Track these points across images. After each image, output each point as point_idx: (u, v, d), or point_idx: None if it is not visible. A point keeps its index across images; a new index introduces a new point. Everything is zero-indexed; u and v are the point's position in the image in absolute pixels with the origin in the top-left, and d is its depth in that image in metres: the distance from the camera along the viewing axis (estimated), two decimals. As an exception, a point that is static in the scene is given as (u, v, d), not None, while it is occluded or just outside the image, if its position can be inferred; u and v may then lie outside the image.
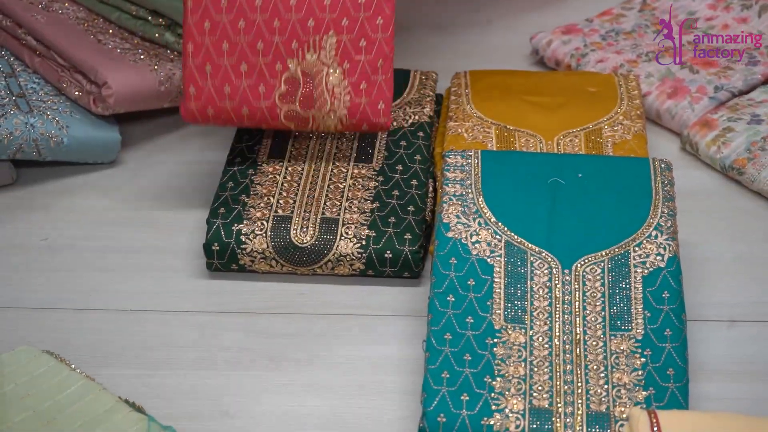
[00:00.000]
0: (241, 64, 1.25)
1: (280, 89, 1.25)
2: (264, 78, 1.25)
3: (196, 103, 1.25)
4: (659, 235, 1.16)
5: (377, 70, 1.26)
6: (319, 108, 1.26)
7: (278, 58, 1.25)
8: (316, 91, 1.25)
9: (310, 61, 1.25)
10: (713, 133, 1.41)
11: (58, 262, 1.29)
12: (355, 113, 1.26)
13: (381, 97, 1.27)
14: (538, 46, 1.62)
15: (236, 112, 1.26)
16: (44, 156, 1.38)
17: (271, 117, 1.26)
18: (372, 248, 1.23)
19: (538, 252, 1.15)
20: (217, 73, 1.25)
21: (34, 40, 1.47)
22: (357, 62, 1.26)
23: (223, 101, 1.25)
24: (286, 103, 1.25)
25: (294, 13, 1.24)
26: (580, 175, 1.21)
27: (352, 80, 1.26)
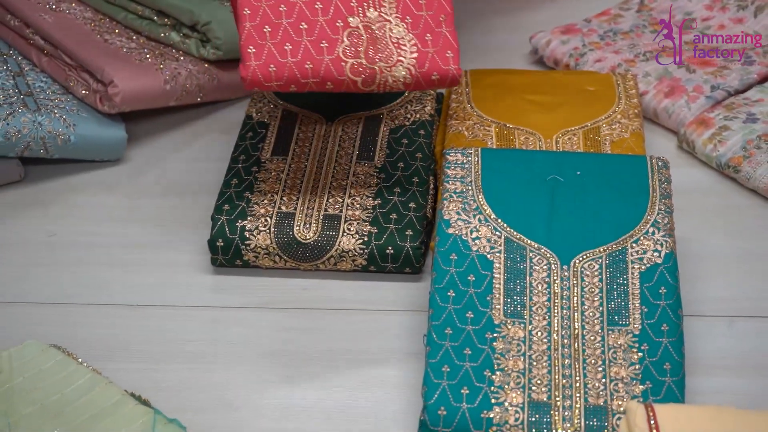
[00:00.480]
0: (300, 23, 1.20)
1: (344, 43, 1.20)
2: (326, 34, 1.20)
3: (257, 62, 1.19)
4: (656, 232, 1.16)
5: (440, 24, 1.22)
6: (386, 60, 1.20)
7: (338, 16, 1.21)
8: (381, 43, 1.21)
9: (372, 17, 1.21)
10: (709, 132, 1.41)
11: (65, 257, 1.29)
12: (423, 62, 1.21)
13: (448, 47, 1.22)
14: (537, 46, 1.62)
15: (300, 68, 1.19)
16: (51, 153, 1.38)
17: (336, 71, 1.19)
18: (374, 244, 1.23)
19: (537, 248, 1.15)
20: (276, 33, 1.20)
21: (42, 39, 1.47)
22: (419, 17, 1.22)
23: (285, 58, 1.19)
24: (351, 57, 1.20)
25: None
26: (578, 173, 1.21)
27: (416, 32, 1.22)
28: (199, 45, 1.50)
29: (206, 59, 1.50)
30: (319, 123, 1.38)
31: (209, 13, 1.49)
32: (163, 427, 1.02)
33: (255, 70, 1.18)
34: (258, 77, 1.18)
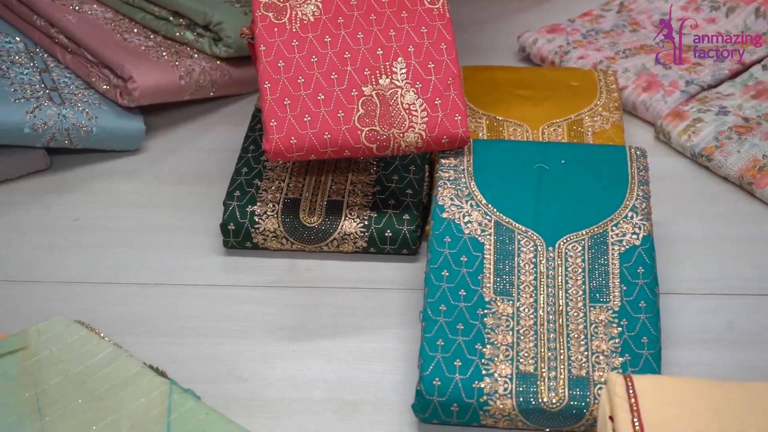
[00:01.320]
0: (318, 94, 1.19)
1: (359, 112, 1.19)
2: (341, 104, 1.19)
3: (279, 135, 1.17)
4: (635, 216, 1.15)
5: (448, 87, 1.21)
6: (398, 126, 1.19)
7: (353, 86, 1.20)
8: (394, 110, 1.19)
9: (384, 85, 1.20)
10: (684, 123, 1.40)
11: (88, 240, 1.29)
12: (433, 127, 1.20)
13: (456, 110, 1.21)
14: (525, 44, 1.62)
15: (319, 139, 1.18)
16: (75, 144, 1.38)
17: (353, 140, 1.18)
18: (374, 228, 1.23)
19: (524, 231, 1.15)
20: (296, 104, 1.18)
21: (66, 38, 1.46)
22: (428, 81, 1.21)
23: (305, 129, 1.17)
24: (366, 125, 1.19)
25: (363, 44, 1.21)
26: (563, 162, 1.21)
27: (426, 97, 1.20)
28: (211, 43, 1.49)
29: (218, 56, 1.50)
30: (323, 116, 1.37)
31: (221, 14, 1.49)
32: (178, 397, 1.02)
33: (277, 143, 1.17)
34: (280, 149, 1.17)
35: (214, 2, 1.53)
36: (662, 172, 1.33)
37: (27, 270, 1.25)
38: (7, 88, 1.36)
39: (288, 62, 1.20)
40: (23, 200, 1.35)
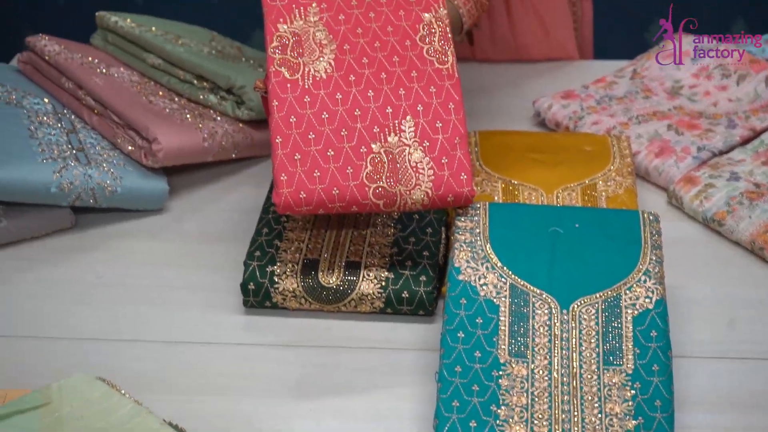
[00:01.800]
0: (328, 150, 1.19)
1: (367, 169, 1.19)
2: (351, 161, 1.19)
3: (289, 189, 1.18)
4: (648, 280, 1.15)
5: (455, 147, 1.21)
6: (405, 183, 1.19)
7: (362, 142, 1.20)
8: (401, 168, 1.20)
9: (392, 143, 1.20)
10: (696, 189, 1.41)
11: (111, 297, 1.29)
12: (439, 186, 1.20)
13: (462, 170, 1.21)
14: (540, 110, 1.63)
15: (327, 194, 1.18)
16: (100, 203, 1.39)
17: (360, 196, 1.19)
18: (391, 288, 1.23)
19: (539, 294, 1.15)
20: (306, 160, 1.19)
21: (93, 100, 1.48)
22: (435, 140, 1.21)
23: (314, 185, 1.18)
24: (374, 182, 1.19)
25: (372, 102, 1.22)
26: (577, 225, 1.21)
27: (433, 156, 1.20)
28: (234, 106, 1.51)
29: (241, 119, 1.51)
30: (342, 178, 1.38)
31: (244, 78, 1.51)
32: (197, 454, 1.02)
33: (287, 197, 1.18)
34: (290, 203, 1.18)
35: (237, 66, 1.55)
36: (675, 237, 1.33)
37: (50, 326, 1.25)
38: (35, 148, 1.38)
39: (300, 118, 1.21)
40: (48, 257, 1.36)
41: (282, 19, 1.25)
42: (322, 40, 1.24)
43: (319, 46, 1.24)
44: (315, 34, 1.24)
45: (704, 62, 1.64)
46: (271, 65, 1.23)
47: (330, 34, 1.25)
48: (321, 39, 1.24)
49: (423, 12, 1.27)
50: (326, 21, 1.25)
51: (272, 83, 1.22)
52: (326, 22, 1.25)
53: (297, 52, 1.23)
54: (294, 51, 1.23)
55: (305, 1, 1.26)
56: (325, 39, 1.24)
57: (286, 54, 1.23)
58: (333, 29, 1.25)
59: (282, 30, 1.24)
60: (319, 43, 1.24)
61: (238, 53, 1.63)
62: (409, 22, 1.26)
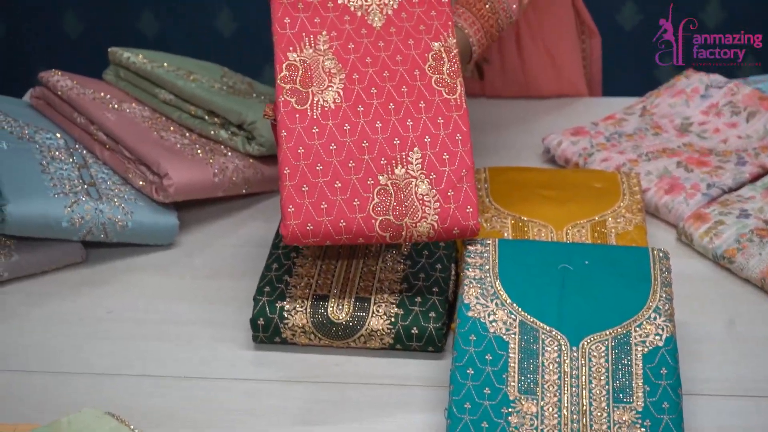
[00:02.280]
0: (335, 182, 1.20)
1: (374, 201, 1.20)
2: (358, 193, 1.20)
3: (296, 221, 1.19)
4: (658, 317, 1.15)
5: (462, 179, 1.22)
6: (411, 216, 1.20)
7: (369, 174, 1.21)
8: (407, 200, 1.20)
9: (399, 175, 1.21)
10: (706, 226, 1.41)
11: (121, 332, 1.30)
12: (445, 218, 1.21)
13: (468, 203, 1.22)
14: (549, 146, 1.63)
15: (334, 226, 1.19)
16: (111, 238, 1.40)
17: (367, 228, 1.20)
18: (400, 325, 1.23)
19: (548, 331, 1.15)
20: (314, 192, 1.20)
21: (105, 135, 1.49)
22: (442, 173, 1.22)
23: (321, 217, 1.19)
24: (381, 214, 1.20)
25: (380, 134, 1.22)
26: (586, 262, 1.21)
27: (440, 188, 1.21)
28: (245, 142, 1.52)
29: (251, 155, 1.52)
30: (352, 214, 1.38)
31: (255, 114, 1.52)
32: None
33: (294, 229, 1.19)
34: (297, 235, 1.20)
35: (248, 102, 1.56)
36: (685, 274, 1.33)
37: (59, 361, 1.25)
38: (47, 182, 1.39)
39: (308, 149, 1.21)
40: (59, 292, 1.36)
41: (292, 47, 1.26)
42: (332, 69, 1.25)
43: (328, 75, 1.25)
44: (324, 63, 1.25)
45: (713, 99, 1.64)
46: (280, 95, 1.24)
47: (339, 63, 1.25)
48: (330, 68, 1.25)
49: (432, 41, 1.27)
50: (336, 50, 1.26)
51: (281, 113, 1.23)
52: (336, 50, 1.26)
53: (306, 82, 1.24)
54: (303, 80, 1.24)
55: (315, 29, 1.27)
56: (335, 68, 1.25)
57: (295, 84, 1.24)
58: (342, 58, 1.26)
59: (291, 58, 1.25)
60: (329, 72, 1.25)
61: (249, 89, 1.64)
62: (418, 51, 1.27)
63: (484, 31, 1.43)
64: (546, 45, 1.82)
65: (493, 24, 1.44)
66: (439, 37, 1.28)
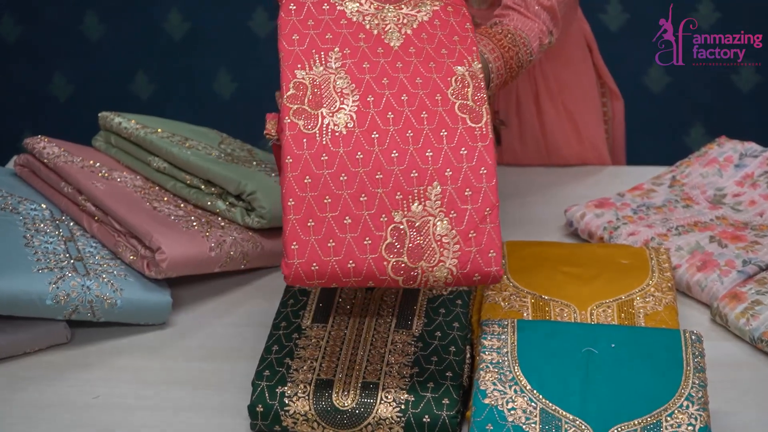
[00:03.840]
0: (345, 217, 1.16)
1: (387, 241, 1.16)
2: (369, 230, 1.16)
3: (300, 260, 1.15)
4: (690, 406, 1.15)
5: (485, 219, 1.18)
6: (428, 259, 1.16)
7: (383, 210, 1.16)
8: (424, 241, 1.16)
9: (416, 212, 1.17)
10: (742, 306, 1.41)
11: (108, 420, 1.29)
12: (465, 263, 1.17)
13: (491, 246, 1.18)
14: (572, 219, 1.64)
15: (342, 267, 1.15)
16: (98, 317, 1.40)
17: (378, 271, 1.15)
18: (411, 412, 1.22)
19: (572, 420, 1.14)
20: (321, 227, 1.15)
21: (93, 206, 1.50)
22: (464, 211, 1.18)
23: (328, 256, 1.15)
24: (394, 256, 1.16)
25: (396, 165, 1.18)
26: (613, 345, 1.21)
27: (460, 229, 1.17)
28: (244, 213, 1.53)
29: (251, 227, 1.53)
30: (359, 292, 1.39)
31: (255, 184, 1.53)
32: None
33: (298, 269, 1.16)
34: (300, 275, 1.16)
35: (248, 171, 1.58)
36: (719, 358, 1.33)
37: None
38: (31, 257, 1.39)
39: (315, 179, 1.18)
40: (42, 375, 1.36)
41: (300, 64, 1.22)
42: (344, 89, 1.21)
43: (340, 95, 1.21)
44: (336, 82, 1.21)
45: (749, 169, 1.65)
46: (286, 116, 1.19)
47: (353, 82, 1.22)
48: (342, 87, 1.21)
49: (456, 65, 1.24)
50: (349, 68, 1.22)
51: (287, 137, 1.19)
52: (349, 69, 1.22)
53: (315, 103, 1.20)
54: (312, 101, 1.20)
55: (327, 45, 1.23)
56: (347, 88, 1.21)
57: (303, 104, 1.20)
58: (356, 77, 1.22)
59: (300, 76, 1.22)
60: (340, 92, 1.21)
61: (248, 156, 1.65)
62: (440, 74, 1.23)
63: (504, 60, 1.43)
64: (566, 106, 1.83)
65: (513, 56, 1.45)
66: (463, 62, 1.25)
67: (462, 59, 1.25)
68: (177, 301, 1.48)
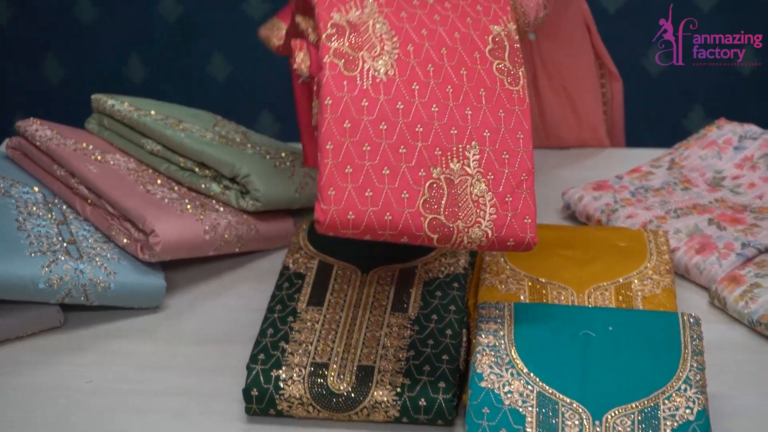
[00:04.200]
0: (384, 167, 1.13)
1: (425, 196, 1.14)
2: (407, 184, 1.13)
3: (336, 207, 1.11)
4: (688, 389, 1.15)
5: (521, 184, 1.17)
6: (464, 219, 1.14)
7: (421, 165, 1.14)
8: (461, 200, 1.14)
9: (455, 170, 1.15)
10: (741, 289, 1.41)
11: (102, 404, 1.29)
12: (501, 227, 1.15)
13: (527, 212, 1.17)
14: (569, 201, 1.64)
15: (379, 219, 1.12)
16: (92, 301, 1.40)
17: (415, 226, 1.13)
18: (407, 396, 1.23)
19: (569, 403, 1.14)
20: (359, 175, 1.12)
21: (86, 189, 1.50)
22: (501, 174, 1.17)
23: (366, 206, 1.12)
24: (431, 212, 1.14)
25: (437, 120, 1.16)
26: (610, 328, 1.21)
27: (497, 192, 1.16)
28: (238, 196, 1.53)
29: (245, 210, 1.53)
30: (355, 274, 1.39)
31: (249, 166, 1.52)
32: None
33: (333, 216, 1.13)
34: (336, 223, 1.13)
35: (243, 153, 1.57)
36: (718, 341, 1.33)
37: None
38: (23, 240, 1.39)
39: (355, 124, 1.15)
40: (35, 360, 1.36)
41: (336, 8, 1.19)
42: (383, 34, 1.18)
43: (380, 40, 1.18)
44: (375, 27, 1.18)
45: (748, 152, 1.65)
46: (326, 54, 1.16)
47: (392, 29, 1.19)
48: (382, 33, 1.18)
49: (492, 24, 1.22)
50: (387, 15, 1.19)
51: (327, 77, 1.15)
52: (387, 15, 1.19)
53: (355, 45, 1.17)
54: (352, 43, 1.17)
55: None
56: (386, 33, 1.18)
57: (343, 45, 1.16)
58: (395, 25, 1.19)
59: (336, 18, 1.18)
60: (380, 37, 1.18)
61: (243, 139, 1.65)
62: (477, 32, 1.21)
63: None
64: (565, 88, 1.83)
65: None
66: (499, 21, 1.23)
67: (497, 19, 1.23)
68: (171, 285, 1.47)
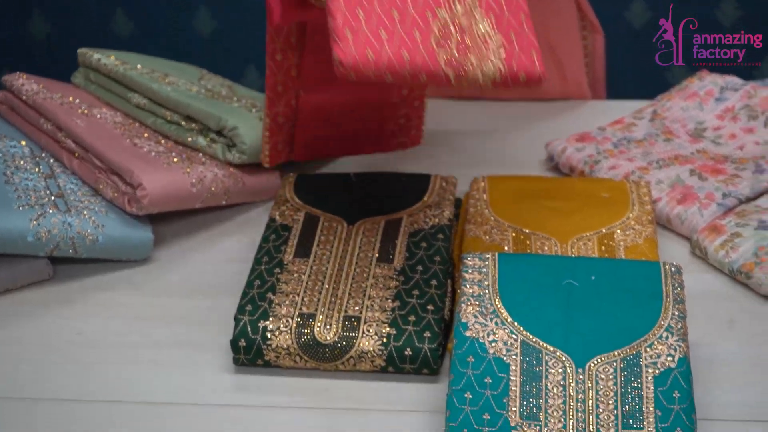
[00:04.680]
0: (391, 9, 1.14)
1: (435, 35, 1.14)
2: (417, 24, 1.14)
3: (356, 46, 1.11)
4: (670, 337, 1.16)
5: (521, 24, 1.19)
6: (477, 54, 1.15)
7: (427, 6, 1.15)
8: (471, 39, 1.15)
9: (458, 12, 1.16)
10: (722, 238, 1.41)
11: (91, 355, 1.29)
12: (511, 61, 1.17)
13: (531, 47, 1.18)
14: (553, 153, 1.64)
15: (397, 57, 1.12)
16: (80, 253, 1.39)
17: (432, 63, 1.13)
18: (393, 345, 1.23)
19: (552, 351, 1.15)
20: (370, 17, 1.13)
21: (73, 143, 1.49)
22: (501, 15, 1.18)
23: (382, 45, 1.12)
24: (444, 50, 1.14)
25: None
26: (593, 278, 1.22)
27: (502, 30, 1.17)
28: (225, 149, 1.52)
29: (232, 163, 1.52)
30: (341, 226, 1.39)
31: (236, 119, 1.52)
32: None
33: (354, 55, 1.12)
34: (357, 62, 1.12)
35: (228, 106, 1.57)
36: (699, 290, 1.34)
37: (26, 387, 1.25)
38: (11, 194, 1.39)
39: None
40: (24, 312, 1.36)
41: None
42: None
43: None
44: None
45: (729, 103, 1.65)
46: None
47: None
48: None
49: None
50: None
51: None
52: None
53: None
54: None
55: None
56: None
57: None
58: None
59: None
60: None
61: (229, 92, 1.64)
62: None
63: None
64: (548, 40, 1.82)
65: None
66: None
67: None
68: (158, 237, 1.47)
